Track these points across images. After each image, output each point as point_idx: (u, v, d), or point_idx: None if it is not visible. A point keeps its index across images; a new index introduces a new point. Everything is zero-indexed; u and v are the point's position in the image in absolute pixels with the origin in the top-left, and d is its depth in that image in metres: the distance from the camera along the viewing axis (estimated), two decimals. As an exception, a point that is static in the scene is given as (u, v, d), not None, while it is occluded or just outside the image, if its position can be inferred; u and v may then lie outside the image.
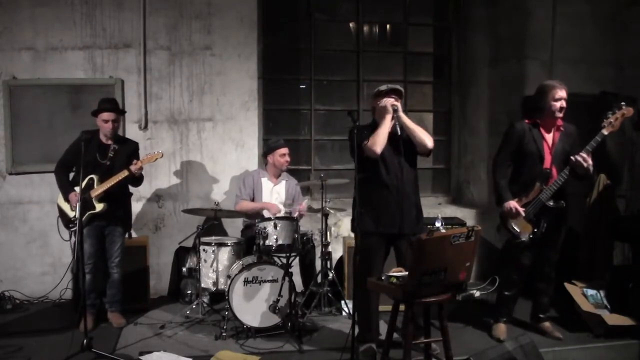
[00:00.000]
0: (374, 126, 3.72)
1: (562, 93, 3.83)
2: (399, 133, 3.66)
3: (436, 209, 5.71)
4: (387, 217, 3.65)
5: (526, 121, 3.96)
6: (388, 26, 6.22)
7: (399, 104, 3.68)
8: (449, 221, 4.79)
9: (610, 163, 5.17)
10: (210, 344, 3.89)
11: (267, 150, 4.94)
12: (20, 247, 5.03)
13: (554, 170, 3.86)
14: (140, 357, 3.53)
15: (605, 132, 3.74)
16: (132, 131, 5.10)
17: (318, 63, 5.90)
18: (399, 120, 3.67)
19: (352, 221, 3.80)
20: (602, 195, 4.80)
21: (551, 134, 3.91)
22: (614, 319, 4.00)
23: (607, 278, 4.56)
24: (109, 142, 4.24)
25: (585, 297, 4.25)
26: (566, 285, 4.33)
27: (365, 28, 6.10)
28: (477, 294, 5.04)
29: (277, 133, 5.67)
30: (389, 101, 3.67)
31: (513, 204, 3.87)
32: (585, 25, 5.55)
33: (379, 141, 3.60)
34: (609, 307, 4.19)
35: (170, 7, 5.13)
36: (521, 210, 3.86)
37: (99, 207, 4.10)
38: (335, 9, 6.01)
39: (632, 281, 4.26)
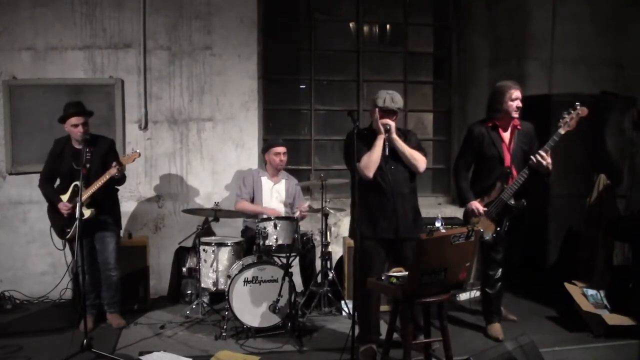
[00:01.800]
0: (369, 133, 3.70)
1: (517, 93, 3.93)
2: (387, 154, 3.62)
3: (436, 209, 5.71)
4: (384, 222, 3.64)
5: (487, 124, 4.03)
6: (388, 26, 6.22)
7: (392, 124, 3.63)
8: (449, 221, 4.79)
9: (610, 163, 5.18)
10: (210, 344, 3.89)
11: (264, 148, 4.94)
12: (20, 247, 5.03)
13: (514, 170, 3.94)
14: (140, 357, 3.53)
15: (562, 131, 3.83)
16: (132, 131, 5.10)
17: (318, 63, 5.90)
18: (390, 140, 3.63)
19: (351, 225, 3.80)
20: (602, 195, 4.80)
21: (508, 134, 4.00)
22: (614, 319, 4.00)
23: (607, 278, 4.57)
24: (81, 146, 4.03)
25: (585, 297, 4.25)
26: (566, 285, 4.33)
27: (365, 28, 6.10)
28: (477, 293, 5.03)
29: (277, 133, 5.67)
30: (382, 121, 3.63)
31: (475, 204, 3.97)
32: (584, 25, 5.55)
33: (371, 165, 3.59)
34: (609, 307, 4.19)
35: (170, 7, 5.13)
36: (482, 209, 3.95)
37: (87, 213, 4.01)
38: (335, 9, 6.01)
39: (632, 281, 4.27)
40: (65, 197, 4.09)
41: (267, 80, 5.70)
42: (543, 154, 3.81)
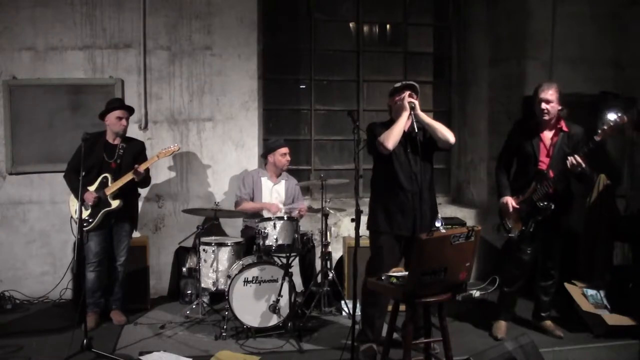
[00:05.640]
0: (391, 124, 3.66)
1: (543, 94, 3.81)
2: (416, 131, 3.58)
3: (436, 208, 5.70)
4: (402, 219, 3.63)
5: (531, 123, 3.95)
6: (388, 26, 6.22)
7: (416, 101, 3.62)
8: (449, 221, 4.79)
9: (610, 163, 5.17)
10: (210, 344, 3.89)
11: (267, 150, 4.94)
12: (20, 247, 5.03)
13: (551, 173, 3.84)
14: (140, 357, 3.53)
15: (597, 138, 3.70)
16: (132, 131, 5.07)
17: (318, 63, 5.90)
18: (416, 117, 3.60)
19: (368, 219, 3.79)
20: (602, 195, 4.79)
21: (551, 135, 3.90)
22: (614, 319, 4.00)
23: (607, 278, 4.56)
24: (116, 141, 4.28)
25: (585, 297, 4.25)
26: (566, 285, 4.33)
27: (365, 28, 6.10)
28: (477, 294, 5.04)
29: (277, 133, 5.68)
30: (406, 98, 3.62)
31: (508, 199, 3.97)
32: (585, 25, 5.55)
33: (391, 137, 3.54)
34: (609, 307, 4.19)
35: (170, 7, 5.13)
36: (515, 206, 3.93)
37: (115, 203, 4.15)
38: (335, 9, 6.01)
39: (632, 281, 4.27)
40: (92, 188, 4.16)
41: (267, 80, 5.70)
42: (578, 159, 3.66)
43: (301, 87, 5.94)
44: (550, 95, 3.80)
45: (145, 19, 5.08)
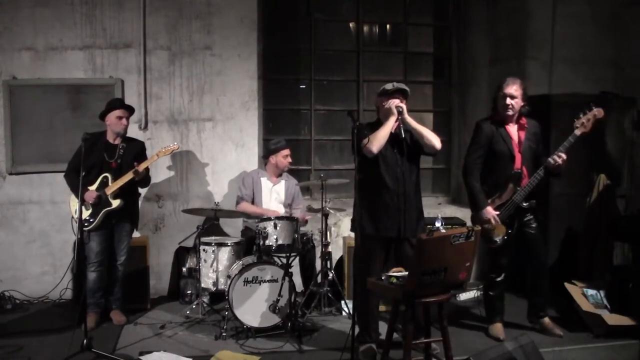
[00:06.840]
0: (377, 125, 3.68)
1: (508, 89, 3.81)
2: (403, 135, 3.60)
3: (436, 209, 5.71)
4: (387, 221, 3.63)
5: (494, 119, 3.94)
6: (388, 26, 6.23)
7: (404, 106, 3.63)
8: (449, 221, 4.78)
9: (610, 163, 5.18)
10: (210, 344, 3.89)
11: (269, 151, 4.91)
12: (20, 247, 5.03)
13: (525, 170, 3.84)
14: (140, 357, 3.53)
15: (577, 132, 3.73)
16: (132, 131, 5.07)
17: (318, 63, 5.90)
18: (403, 122, 3.61)
19: (352, 221, 3.80)
20: (602, 195, 4.79)
21: (516, 131, 3.90)
22: (614, 319, 4.00)
23: (607, 278, 4.56)
24: (117, 141, 4.29)
25: (585, 297, 4.25)
26: (566, 285, 4.33)
27: (365, 28, 6.10)
28: (477, 294, 5.03)
29: (277, 133, 5.68)
30: (394, 102, 3.62)
31: (491, 213, 3.85)
32: (585, 25, 5.55)
33: (376, 141, 3.56)
34: (609, 307, 4.19)
35: (170, 7, 5.13)
36: (496, 215, 3.85)
37: (115, 203, 4.16)
38: (335, 9, 6.02)
39: (632, 281, 4.26)
40: (92, 188, 4.18)
41: (267, 80, 5.71)
42: (562, 155, 3.71)
43: (301, 87, 5.94)
44: (514, 91, 3.81)
45: (145, 19, 5.07)
